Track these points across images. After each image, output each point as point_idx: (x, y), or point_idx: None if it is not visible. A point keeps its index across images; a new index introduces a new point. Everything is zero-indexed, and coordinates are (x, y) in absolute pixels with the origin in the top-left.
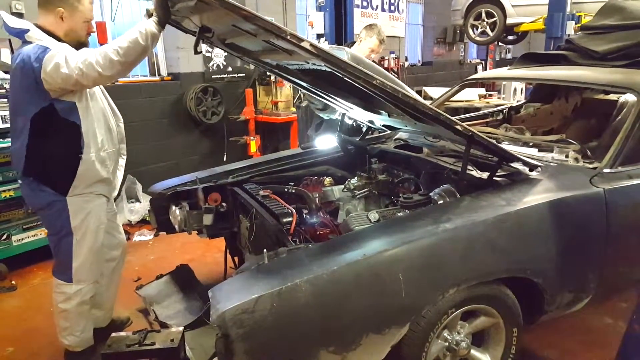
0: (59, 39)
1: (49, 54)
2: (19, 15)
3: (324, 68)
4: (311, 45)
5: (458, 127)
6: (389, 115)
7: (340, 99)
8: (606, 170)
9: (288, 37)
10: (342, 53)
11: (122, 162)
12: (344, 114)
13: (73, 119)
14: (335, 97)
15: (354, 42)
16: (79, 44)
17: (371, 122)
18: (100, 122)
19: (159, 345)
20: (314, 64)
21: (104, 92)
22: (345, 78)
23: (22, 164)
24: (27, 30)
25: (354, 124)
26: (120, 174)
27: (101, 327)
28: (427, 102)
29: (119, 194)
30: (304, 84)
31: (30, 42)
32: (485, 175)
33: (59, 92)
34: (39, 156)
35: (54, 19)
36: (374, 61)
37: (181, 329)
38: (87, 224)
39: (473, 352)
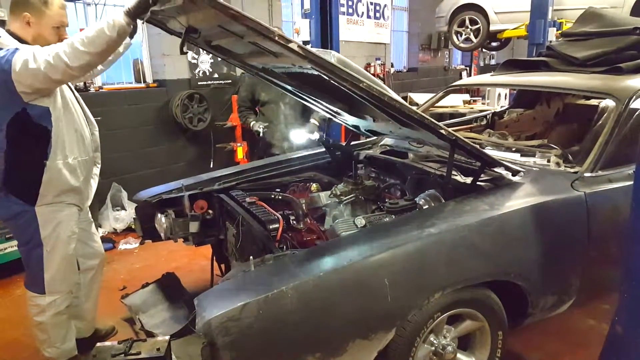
0: (29, 45)
1: (17, 54)
2: (1, 22)
3: (310, 71)
4: (299, 46)
5: (442, 131)
6: (374, 120)
7: (326, 103)
8: (587, 175)
9: (276, 38)
10: (329, 56)
11: (97, 170)
12: (329, 119)
13: (45, 123)
14: (321, 101)
15: None
16: None
17: (356, 127)
18: (71, 129)
19: (145, 355)
20: (301, 67)
21: (78, 100)
22: (332, 81)
23: (2, 175)
24: None
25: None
26: (94, 182)
27: (85, 337)
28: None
29: (104, 202)
30: (290, 88)
31: (1, 48)
32: (469, 180)
33: (31, 95)
34: (12, 167)
35: (21, 24)
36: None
37: (167, 337)
38: (58, 234)
39: (459, 355)
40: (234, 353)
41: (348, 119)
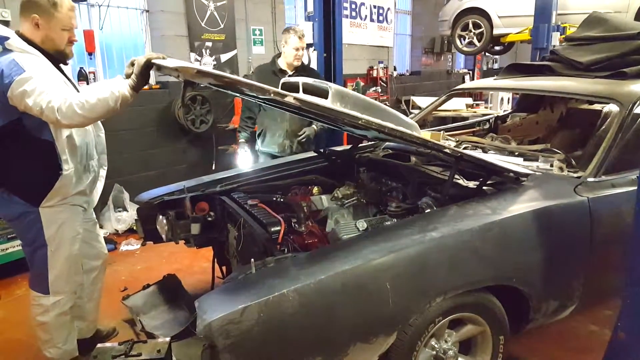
0: (38, 47)
1: (20, 77)
2: (5, 23)
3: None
4: (295, 99)
5: (447, 150)
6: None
7: (330, 122)
8: (590, 179)
9: (272, 96)
10: (327, 87)
11: (103, 172)
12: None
13: (45, 136)
14: (325, 121)
15: (281, 54)
16: (59, 54)
17: (363, 135)
18: (80, 136)
19: (146, 356)
20: None
21: None
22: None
23: (5, 176)
24: (7, 38)
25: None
26: (100, 184)
27: (86, 337)
28: (416, 112)
29: (106, 203)
30: (293, 110)
31: (10, 50)
32: (472, 184)
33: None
34: (11, 167)
35: (29, 26)
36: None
37: (168, 339)
38: (62, 234)
39: None
40: (235, 356)
41: (355, 130)
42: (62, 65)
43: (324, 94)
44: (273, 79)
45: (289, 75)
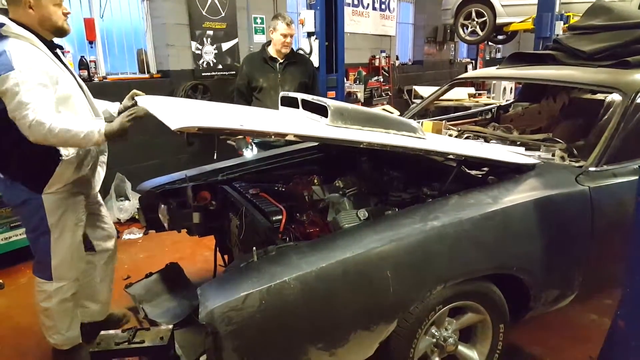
0: (36, 32)
1: (6, 75)
2: (3, 11)
3: None
4: (295, 135)
5: (451, 156)
6: None
7: None
8: (592, 169)
9: (272, 137)
10: (325, 105)
11: (103, 158)
12: None
13: None
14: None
15: (270, 41)
16: (58, 30)
17: None
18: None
19: (149, 344)
20: None
21: (83, 89)
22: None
23: (6, 163)
24: (2, 25)
25: None
26: (102, 170)
27: (98, 320)
28: (418, 101)
29: (108, 192)
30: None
31: (7, 37)
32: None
33: None
34: (12, 154)
35: (23, 10)
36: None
37: (170, 327)
38: (65, 221)
39: (460, 348)
40: (237, 342)
41: None
42: (58, 51)
43: (323, 109)
44: (264, 66)
45: (280, 63)
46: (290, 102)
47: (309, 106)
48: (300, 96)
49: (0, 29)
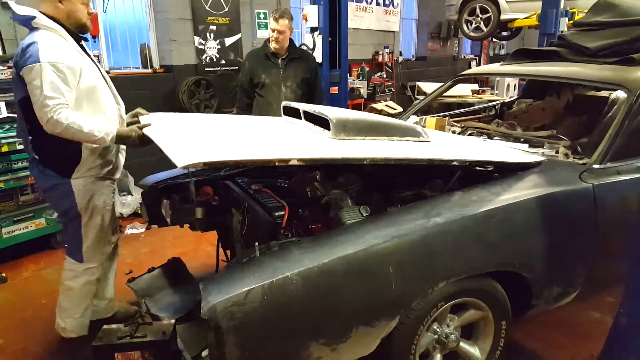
0: (62, 24)
1: (32, 66)
2: (3, 4)
3: None
4: (298, 160)
5: (455, 163)
6: None
7: None
8: (595, 166)
9: (276, 164)
10: (327, 117)
11: (123, 145)
12: None
13: None
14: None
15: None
16: (81, 27)
17: None
18: (100, 108)
19: (151, 338)
20: None
21: (106, 80)
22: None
23: (29, 147)
24: (34, 17)
25: None
26: (122, 156)
27: (105, 317)
28: (421, 98)
29: None
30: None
31: (38, 29)
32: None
33: None
34: (40, 140)
35: (53, 4)
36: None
37: (173, 321)
38: (94, 205)
39: (462, 344)
40: (239, 337)
41: None
42: (83, 43)
43: (325, 121)
44: (266, 62)
45: (282, 59)
46: (293, 111)
47: (311, 116)
48: (302, 107)
49: (32, 21)
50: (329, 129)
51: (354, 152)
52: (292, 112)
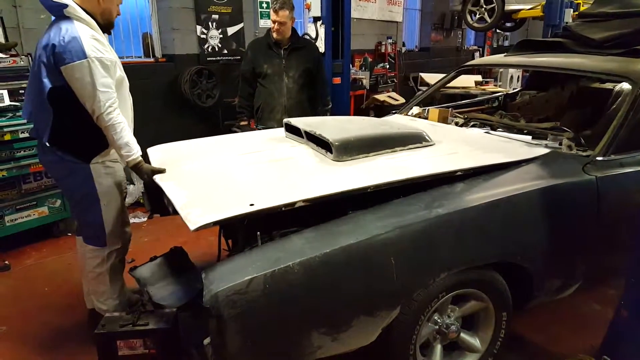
0: (94, 18)
1: (80, 62)
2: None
3: None
4: (303, 200)
5: (458, 173)
6: None
7: None
8: (599, 158)
9: (282, 209)
10: (328, 140)
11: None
12: None
13: None
14: None
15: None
16: (109, 24)
17: None
18: (125, 95)
19: (153, 326)
20: None
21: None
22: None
23: (48, 134)
24: (66, 6)
25: None
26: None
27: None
28: (424, 89)
29: None
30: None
31: (68, 17)
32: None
33: None
34: (64, 128)
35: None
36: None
37: (175, 309)
38: (112, 188)
39: (463, 335)
40: (240, 325)
41: None
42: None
43: (327, 143)
44: (268, 52)
45: (284, 49)
46: (296, 129)
47: (313, 139)
48: (303, 128)
49: (64, 9)
50: (331, 151)
51: (357, 179)
52: (294, 129)
